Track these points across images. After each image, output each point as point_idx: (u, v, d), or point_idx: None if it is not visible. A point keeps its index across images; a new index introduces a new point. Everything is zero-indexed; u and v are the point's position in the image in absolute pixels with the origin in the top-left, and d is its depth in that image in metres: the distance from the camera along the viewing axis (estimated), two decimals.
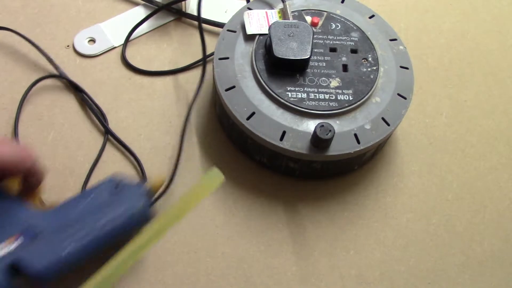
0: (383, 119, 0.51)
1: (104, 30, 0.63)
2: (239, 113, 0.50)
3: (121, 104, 0.58)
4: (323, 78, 0.52)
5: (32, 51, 0.59)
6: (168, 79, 0.60)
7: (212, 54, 0.61)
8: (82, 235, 0.39)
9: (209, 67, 0.61)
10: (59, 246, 0.38)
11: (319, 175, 0.54)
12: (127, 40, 0.62)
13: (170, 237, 0.50)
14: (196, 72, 0.61)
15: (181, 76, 0.61)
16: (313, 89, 0.51)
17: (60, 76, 0.58)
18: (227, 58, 0.54)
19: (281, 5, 0.57)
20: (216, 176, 0.36)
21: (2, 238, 0.37)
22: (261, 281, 0.49)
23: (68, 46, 0.61)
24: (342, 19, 0.57)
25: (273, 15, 0.56)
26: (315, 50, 0.54)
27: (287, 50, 0.51)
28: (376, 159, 0.57)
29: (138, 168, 0.53)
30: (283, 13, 0.56)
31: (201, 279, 0.48)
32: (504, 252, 0.53)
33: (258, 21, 0.56)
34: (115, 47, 0.62)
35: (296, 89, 0.51)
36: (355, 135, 0.50)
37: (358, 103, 0.51)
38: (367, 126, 0.51)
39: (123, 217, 0.41)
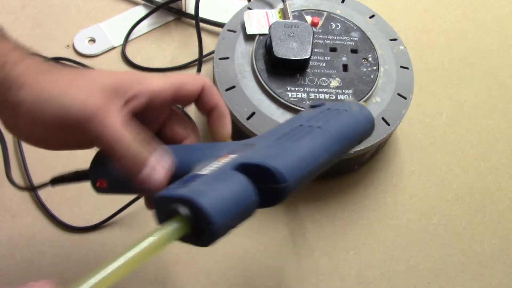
0: (383, 119, 0.51)
1: (104, 30, 0.63)
2: (239, 113, 0.50)
3: None
4: (323, 78, 0.52)
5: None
6: None
7: (210, 53, 0.61)
8: (314, 135, 0.31)
9: (209, 66, 0.61)
10: (291, 147, 0.30)
11: (320, 175, 0.54)
12: (127, 37, 0.62)
13: None
14: (195, 71, 0.61)
15: None
16: (313, 89, 0.51)
17: None
18: (227, 58, 0.54)
19: (281, 5, 0.57)
20: (180, 228, 0.26)
21: (212, 158, 0.30)
22: (261, 281, 0.49)
23: (68, 46, 0.61)
24: (342, 19, 0.57)
25: (273, 15, 0.56)
26: (315, 50, 0.54)
27: (287, 50, 0.51)
28: (376, 159, 0.57)
29: None
30: (283, 13, 0.56)
31: (201, 279, 0.48)
32: (504, 252, 0.53)
33: (258, 21, 0.56)
34: (115, 47, 0.62)
35: (296, 89, 0.51)
36: None
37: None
38: None
39: (351, 117, 0.34)
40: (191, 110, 0.55)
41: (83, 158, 0.35)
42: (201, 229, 0.26)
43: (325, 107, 0.36)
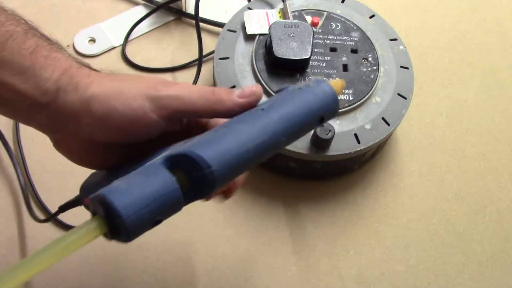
0: (383, 119, 0.51)
1: (104, 30, 0.63)
2: None
3: None
4: (323, 78, 0.52)
5: None
6: (167, 77, 0.60)
7: (210, 53, 0.61)
8: (252, 118, 0.30)
9: (209, 66, 0.61)
10: (222, 133, 0.29)
11: (319, 175, 0.54)
12: (127, 37, 0.62)
13: (171, 237, 0.50)
14: (195, 71, 0.61)
15: (180, 75, 0.61)
16: None
17: None
18: (227, 58, 0.54)
19: (281, 5, 0.57)
20: (98, 227, 0.27)
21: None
22: (261, 281, 0.49)
23: (68, 46, 0.61)
24: (342, 19, 0.57)
25: (273, 15, 0.56)
26: (315, 50, 0.54)
27: (287, 50, 0.51)
28: (376, 159, 0.57)
29: None
30: (283, 13, 0.56)
31: (201, 279, 0.48)
32: (504, 252, 0.53)
33: (258, 21, 0.56)
34: (115, 47, 0.62)
35: None
36: (355, 135, 0.50)
37: (358, 103, 0.51)
38: (367, 126, 0.51)
39: (303, 93, 0.32)
40: None
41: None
42: (117, 225, 0.26)
43: (287, 89, 0.34)
